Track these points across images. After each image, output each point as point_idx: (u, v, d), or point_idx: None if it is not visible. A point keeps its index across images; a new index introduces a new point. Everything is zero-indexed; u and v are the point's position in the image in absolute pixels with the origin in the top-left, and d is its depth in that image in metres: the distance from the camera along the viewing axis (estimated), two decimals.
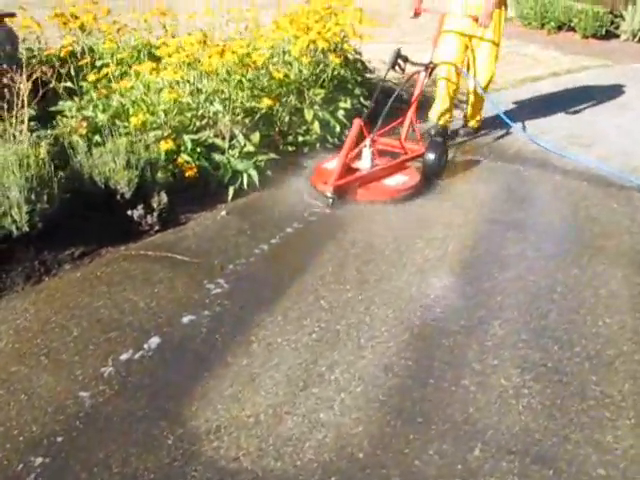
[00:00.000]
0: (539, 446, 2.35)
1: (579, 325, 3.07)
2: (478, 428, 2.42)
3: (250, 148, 4.35)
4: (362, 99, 5.32)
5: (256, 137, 4.42)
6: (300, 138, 4.83)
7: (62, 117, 4.23)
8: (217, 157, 4.26)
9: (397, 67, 4.77)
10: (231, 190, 4.19)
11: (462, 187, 4.75)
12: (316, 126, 4.81)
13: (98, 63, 4.68)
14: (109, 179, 3.62)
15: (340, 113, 5.06)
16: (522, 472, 2.24)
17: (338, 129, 4.93)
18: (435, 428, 2.42)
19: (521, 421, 2.47)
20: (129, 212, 3.65)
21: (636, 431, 2.44)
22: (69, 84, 4.54)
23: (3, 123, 3.74)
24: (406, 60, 4.78)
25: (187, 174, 4.00)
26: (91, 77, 4.27)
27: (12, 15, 4.81)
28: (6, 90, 3.78)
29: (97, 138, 4.05)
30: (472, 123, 5.74)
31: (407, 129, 4.91)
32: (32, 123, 4.04)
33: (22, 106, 3.79)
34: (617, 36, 11.57)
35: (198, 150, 4.27)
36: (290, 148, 4.72)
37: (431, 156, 4.60)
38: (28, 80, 3.81)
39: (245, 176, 4.25)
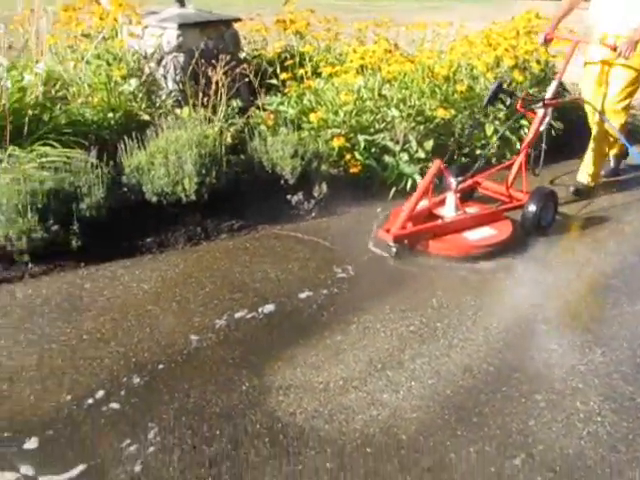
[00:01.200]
0: (586, 473, 2.31)
1: None
2: (529, 441, 2.44)
3: (421, 154, 4.55)
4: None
5: (429, 145, 4.61)
6: (478, 151, 4.90)
7: (257, 109, 4.73)
8: (387, 159, 4.52)
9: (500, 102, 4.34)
10: (392, 191, 4.41)
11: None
12: (494, 140, 4.85)
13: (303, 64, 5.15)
14: (275, 165, 4.04)
15: (523, 131, 5.05)
16: None
17: (518, 146, 4.93)
18: (486, 431, 2.48)
19: (579, 445, 2.43)
20: (289, 197, 4.03)
21: None
22: (274, 81, 5.07)
23: (205, 110, 4.34)
24: (511, 95, 4.24)
25: (352, 170, 4.31)
26: (283, 76, 4.74)
27: (238, 20, 5.47)
28: (218, 83, 4.36)
29: (282, 130, 4.49)
30: (584, 178, 4.80)
31: (515, 175, 4.20)
32: (231, 111, 4.61)
33: (220, 97, 4.35)
34: None
35: (371, 150, 4.55)
36: (464, 159, 4.81)
37: (531, 208, 3.91)
38: (227, 76, 4.37)
39: (410, 180, 4.43)
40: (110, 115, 4.40)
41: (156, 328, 2.99)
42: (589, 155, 4.73)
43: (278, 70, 5.02)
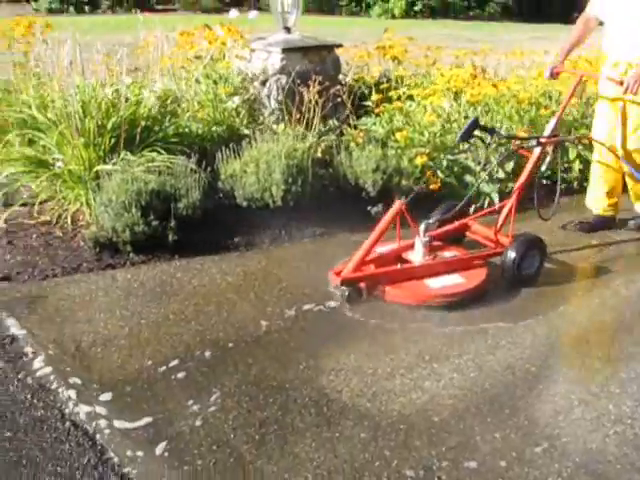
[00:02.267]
0: (604, 466, 2.45)
1: None
2: (554, 433, 2.61)
3: (501, 175, 4.75)
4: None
5: (509, 166, 4.80)
6: (559, 174, 5.02)
7: (350, 128, 5.08)
8: (468, 178, 4.74)
9: (479, 140, 3.90)
10: (472, 208, 4.62)
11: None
12: (576, 165, 4.97)
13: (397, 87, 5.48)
14: (358, 178, 4.37)
15: None
16: (569, 478, 2.40)
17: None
18: (515, 421, 2.67)
19: (603, 442, 2.57)
20: (369, 208, 4.34)
21: None
22: (368, 102, 5.42)
23: (300, 126, 4.75)
24: (492, 132, 3.77)
25: (431, 187, 4.56)
26: (374, 97, 5.07)
27: (339, 46, 5.87)
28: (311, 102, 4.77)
29: (370, 147, 4.81)
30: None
31: (504, 219, 3.87)
32: (325, 129, 5.00)
33: (314, 116, 4.74)
34: None
35: (454, 169, 4.79)
36: (545, 181, 4.95)
37: (510, 255, 3.60)
38: (320, 97, 4.76)
39: (487, 198, 4.64)
40: (214, 129, 4.87)
41: (232, 313, 3.36)
42: (596, 185, 4.49)
43: (373, 93, 5.34)
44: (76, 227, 4.13)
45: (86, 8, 18.77)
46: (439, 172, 4.71)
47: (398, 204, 3.58)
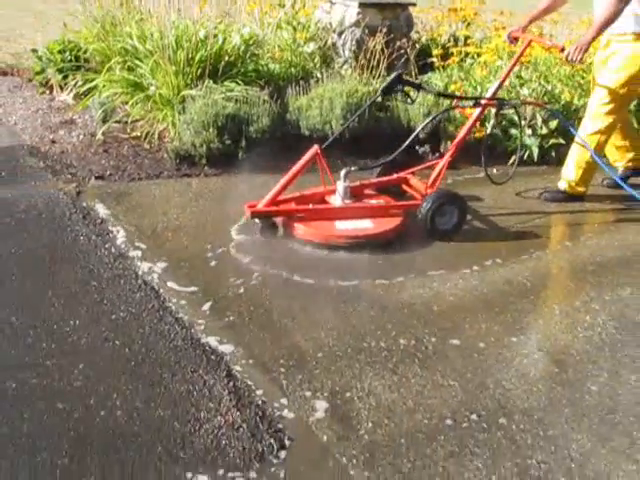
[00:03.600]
0: (566, 357, 2.91)
1: None
2: (531, 329, 3.12)
3: (544, 131, 5.16)
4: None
5: (553, 124, 5.20)
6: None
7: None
8: (513, 131, 5.18)
9: (402, 95, 3.91)
10: (512, 158, 5.08)
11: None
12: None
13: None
14: (410, 121, 4.89)
15: None
16: (534, 361, 2.91)
17: None
18: (502, 317, 3.19)
19: (572, 341, 2.99)
20: (417, 147, 4.86)
21: None
22: (433, 58, 5.88)
23: (366, 73, 5.29)
24: (418, 87, 3.94)
25: (476, 135, 5.03)
26: (435, 52, 5.54)
27: (413, 4, 6.33)
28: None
29: (432, 98, 5.27)
30: (564, 185, 4.50)
31: (437, 175, 3.99)
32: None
33: (378, 65, 5.26)
34: None
35: (501, 122, 5.23)
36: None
37: (424, 207, 3.74)
38: (387, 49, 5.27)
39: (528, 150, 5.07)
40: (291, 70, 5.46)
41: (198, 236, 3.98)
42: (571, 160, 4.44)
43: (436, 49, 5.81)
44: (162, 143, 4.81)
45: None
46: (486, 123, 5.14)
47: (314, 148, 3.77)
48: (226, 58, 4.95)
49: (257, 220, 3.70)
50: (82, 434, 2.27)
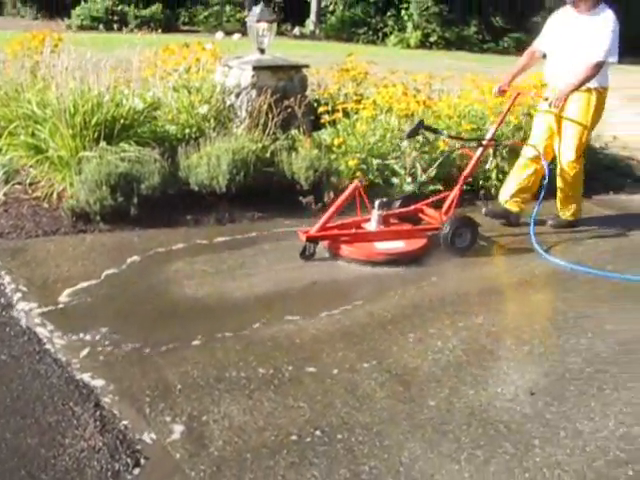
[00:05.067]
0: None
1: None
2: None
3: (423, 178, 5.64)
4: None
5: (432, 171, 5.68)
6: (481, 182, 5.90)
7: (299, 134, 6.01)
8: (394, 180, 5.65)
9: (422, 137, 5.04)
10: None
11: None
12: (494, 175, 5.84)
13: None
14: (294, 174, 5.30)
15: None
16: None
17: None
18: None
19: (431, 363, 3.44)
20: (301, 198, 5.26)
21: None
22: (325, 115, 6.33)
23: (256, 131, 5.70)
24: (435, 132, 5.01)
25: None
26: (320, 109, 6.01)
27: (306, 66, 6.82)
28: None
29: (315, 152, 5.72)
30: (564, 214, 5.37)
31: (450, 205, 4.85)
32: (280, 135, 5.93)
33: (265, 123, 5.68)
34: None
35: (384, 172, 5.70)
36: (466, 187, 5.80)
37: (445, 230, 4.58)
38: (277, 108, 5.70)
39: None
40: (187, 130, 5.84)
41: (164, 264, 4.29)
42: (563, 195, 5.27)
43: (322, 106, 6.27)
44: (61, 202, 5.09)
45: (115, 27, 20.09)
46: (370, 174, 5.59)
47: (354, 184, 4.62)
48: (122, 121, 5.29)
49: (308, 243, 4.39)
50: None
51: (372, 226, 4.63)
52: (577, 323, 3.94)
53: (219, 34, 7.63)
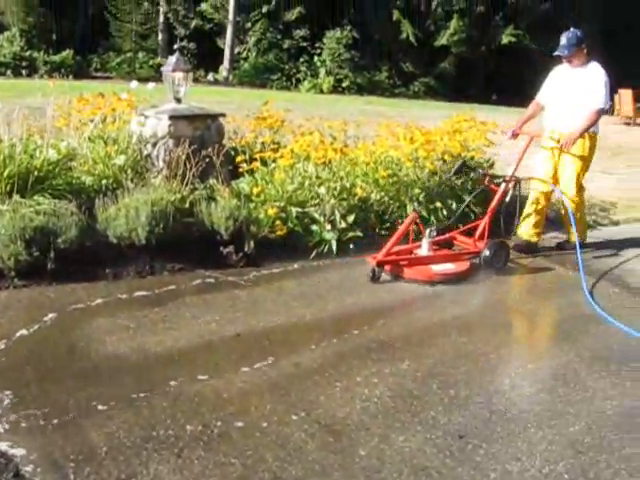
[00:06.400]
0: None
1: None
2: None
3: (343, 225, 5.73)
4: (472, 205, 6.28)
5: (351, 218, 5.79)
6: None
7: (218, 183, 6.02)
8: (314, 227, 5.71)
9: (465, 176, 6.00)
10: (314, 252, 5.58)
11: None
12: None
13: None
14: (214, 224, 5.29)
15: (442, 212, 6.17)
16: None
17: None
18: None
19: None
20: (221, 249, 5.25)
21: None
22: (243, 164, 6.37)
23: (175, 181, 5.67)
24: (474, 170, 6.02)
25: (277, 234, 5.50)
26: (238, 159, 6.05)
27: (223, 115, 6.87)
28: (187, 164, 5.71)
29: (235, 201, 5.73)
30: (571, 238, 6.10)
31: (481, 232, 5.68)
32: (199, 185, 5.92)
33: (183, 173, 5.67)
34: None
35: (304, 220, 5.75)
36: (384, 232, 5.94)
37: (486, 252, 5.46)
38: (195, 158, 5.70)
39: (327, 245, 5.60)
40: (104, 182, 5.76)
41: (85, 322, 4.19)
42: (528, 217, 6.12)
43: (240, 156, 6.31)
44: None
45: (23, 72, 19.72)
46: (289, 222, 5.64)
47: (413, 214, 5.46)
48: (36, 173, 5.17)
49: (377, 268, 5.09)
50: None
51: (424, 251, 5.33)
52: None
53: (134, 83, 7.52)
